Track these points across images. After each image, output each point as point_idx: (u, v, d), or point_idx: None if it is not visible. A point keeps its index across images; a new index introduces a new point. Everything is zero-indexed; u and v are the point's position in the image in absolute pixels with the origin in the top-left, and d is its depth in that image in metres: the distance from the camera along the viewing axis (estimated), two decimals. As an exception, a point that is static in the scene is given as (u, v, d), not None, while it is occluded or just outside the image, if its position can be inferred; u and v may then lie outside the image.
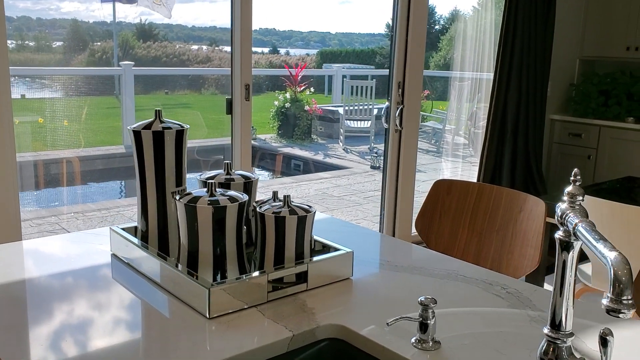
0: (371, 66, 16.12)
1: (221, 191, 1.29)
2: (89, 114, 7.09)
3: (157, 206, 1.38)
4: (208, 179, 1.44)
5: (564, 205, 0.84)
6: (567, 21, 4.67)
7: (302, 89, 8.82)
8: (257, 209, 1.32)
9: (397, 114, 3.68)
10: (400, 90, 3.67)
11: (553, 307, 0.87)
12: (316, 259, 1.31)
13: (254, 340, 1.06)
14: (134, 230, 1.48)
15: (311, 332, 1.12)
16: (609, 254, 0.69)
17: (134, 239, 1.40)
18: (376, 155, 7.52)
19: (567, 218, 0.81)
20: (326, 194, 5.97)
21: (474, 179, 4.59)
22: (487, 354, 1.03)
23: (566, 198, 0.83)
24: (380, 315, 1.17)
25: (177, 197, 1.27)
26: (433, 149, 7.85)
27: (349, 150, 8.25)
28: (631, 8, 4.55)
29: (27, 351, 1.01)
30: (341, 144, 8.54)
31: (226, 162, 1.46)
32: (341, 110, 8.61)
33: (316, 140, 9.02)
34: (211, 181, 1.27)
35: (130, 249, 1.39)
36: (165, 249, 1.40)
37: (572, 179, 0.83)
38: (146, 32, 12.08)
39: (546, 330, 0.89)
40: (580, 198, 0.83)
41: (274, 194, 1.43)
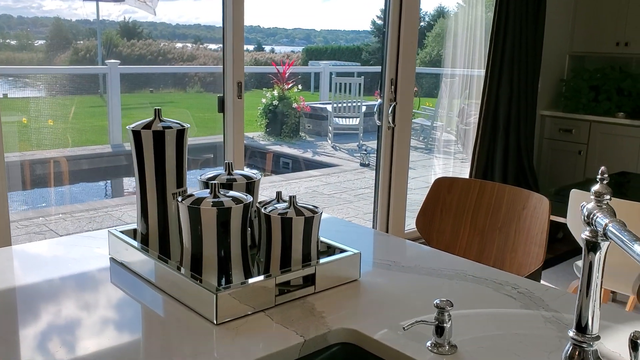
0: (357, 63, 16.10)
1: (224, 192, 1.25)
2: (74, 113, 6.99)
3: (157, 208, 1.34)
4: (209, 179, 1.40)
5: (590, 204, 0.81)
6: (557, 17, 4.67)
7: (290, 86, 8.77)
8: (262, 210, 1.28)
9: (390, 111, 3.65)
10: (392, 88, 3.64)
11: (579, 309, 0.84)
12: (324, 260, 1.27)
13: (265, 347, 1.02)
14: (133, 233, 1.43)
15: (323, 337, 1.08)
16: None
17: (134, 242, 1.35)
18: (365, 152, 7.50)
19: (595, 218, 0.78)
20: (316, 192, 5.93)
21: (464, 175, 4.58)
22: (505, 357, 1.01)
23: (593, 197, 0.80)
24: (392, 318, 1.14)
25: (179, 198, 1.23)
26: (422, 145, 7.85)
27: (337, 148, 8.22)
28: (620, 3, 4.56)
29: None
30: (330, 141, 8.51)
31: (227, 161, 1.42)
32: (329, 108, 8.57)
33: (304, 137, 8.98)
34: (214, 182, 1.23)
35: (130, 252, 1.34)
36: (166, 252, 1.36)
37: (598, 177, 0.80)
38: (130, 30, 11.95)
39: (571, 334, 0.86)
40: (608, 197, 0.80)
41: (278, 194, 1.39)
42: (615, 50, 4.66)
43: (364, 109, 8.50)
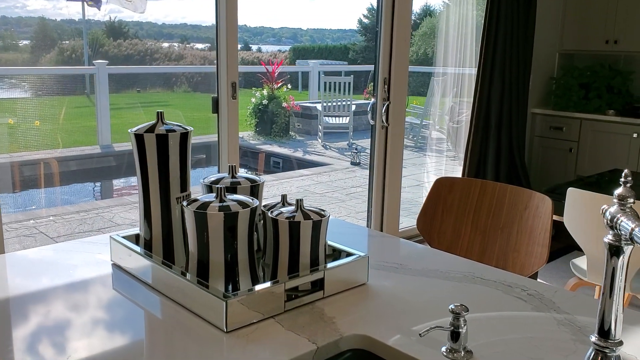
0: (344, 62, 16.10)
1: (229, 196, 1.23)
2: (61, 114, 6.92)
3: (161, 213, 1.31)
4: (213, 182, 1.37)
5: (613, 208, 0.80)
6: (547, 15, 4.68)
7: (280, 85, 8.74)
8: (269, 214, 1.26)
9: (383, 111, 3.64)
10: (386, 87, 3.63)
11: (601, 314, 0.83)
12: (332, 265, 1.25)
13: (278, 355, 1.00)
14: (135, 238, 1.40)
15: (335, 343, 1.06)
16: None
17: (137, 248, 1.33)
18: (356, 151, 7.49)
19: (620, 222, 0.77)
20: (308, 191, 5.91)
21: (455, 173, 4.59)
22: (522, 362, 1.00)
23: (616, 200, 0.79)
24: (404, 323, 1.13)
25: (185, 203, 1.20)
26: (411, 144, 7.85)
27: (328, 147, 8.21)
28: (609, 1, 4.58)
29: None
30: (320, 140, 8.49)
31: (231, 164, 1.40)
32: (319, 107, 8.55)
33: (294, 137, 8.95)
34: (220, 186, 1.21)
35: (134, 258, 1.32)
36: (170, 258, 1.33)
37: (622, 180, 0.79)
38: (116, 30, 11.85)
39: (594, 339, 0.85)
40: (632, 200, 0.79)
41: (283, 197, 1.37)
42: (604, 48, 4.69)
43: (353, 107, 8.49)
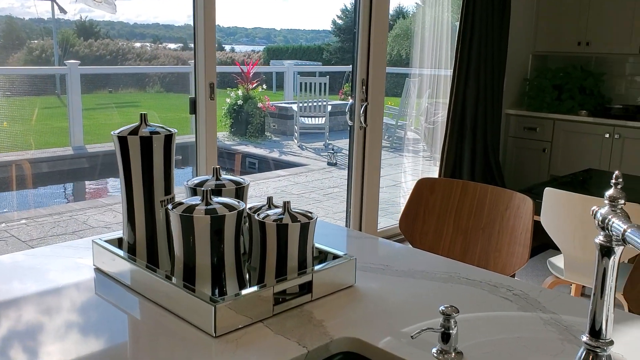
0: (318, 62, 16.13)
1: (215, 199, 1.21)
2: (31, 115, 6.78)
3: (145, 216, 1.29)
4: (197, 185, 1.36)
5: (604, 209, 0.81)
6: (520, 17, 4.75)
7: (255, 85, 8.70)
8: (255, 216, 1.25)
9: (361, 111, 3.65)
10: (364, 88, 3.64)
11: (592, 314, 0.84)
12: (320, 267, 1.25)
13: (270, 359, 0.99)
14: (118, 242, 1.38)
15: (325, 346, 1.06)
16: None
17: (120, 252, 1.30)
18: (332, 151, 7.50)
19: (611, 223, 0.78)
20: (285, 192, 5.90)
21: (431, 173, 4.62)
22: (512, 362, 1.00)
23: (607, 202, 0.80)
24: (394, 324, 1.13)
25: (170, 206, 1.18)
26: (387, 144, 7.89)
27: (304, 147, 8.20)
28: (581, 4, 4.67)
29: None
30: (296, 141, 8.48)
31: (215, 166, 1.39)
32: (295, 107, 8.54)
33: (270, 137, 8.92)
34: (206, 189, 1.19)
35: (117, 262, 1.29)
36: (154, 262, 1.31)
37: (613, 182, 0.80)
38: (87, 29, 11.68)
39: (585, 338, 0.86)
40: (622, 202, 0.80)
41: (269, 200, 1.36)
42: (576, 49, 4.77)
43: (329, 108, 8.50)
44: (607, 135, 4.42)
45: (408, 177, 4.86)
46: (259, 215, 1.24)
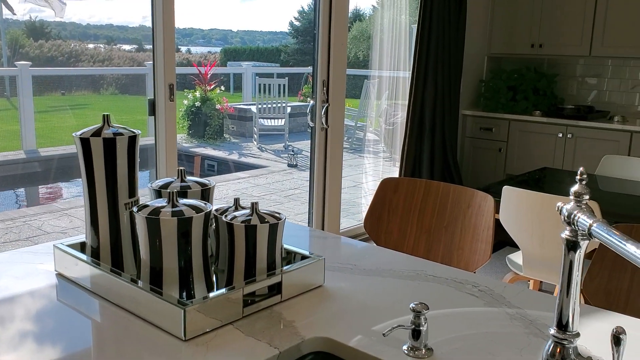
0: (276, 64, 16.11)
1: (181, 200, 1.20)
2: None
3: (108, 219, 1.26)
4: (162, 187, 1.34)
5: (569, 205, 0.83)
6: (476, 20, 4.84)
7: (213, 87, 8.62)
8: (222, 218, 1.24)
9: (322, 113, 3.66)
10: (325, 89, 3.65)
11: (559, 307, 0.86)
12: (289, 268, 1.24)
13: (240, 361, 0.99)
14: (80, 247, 1.35)
15: (296, 347, 1.06)
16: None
17: (84, 256, 1.27)
18: (292, 153, 7.49)
19: (577, 218, 0.80)
20: (245, 194, 5.86)
21: (391, 174, 4.67)
22: (481, 357, 1.02)
23: (572, 197, 0.83)
24: (364, 323, 1.13)
25: (135, 209, 1.16)
26: (347, 145, 7.93)
27: (264, 149, 8.16)
28: (535, 7, 4.79)
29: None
30: (255, 142, 8.43)
31: (180, 168, 1.37)
32: (254, 109, 8.49)
33: (229, 139, 8.85)
34: (172, 190, 1.18)
35: (80, 267, 1.26)
36: (119, 265, 1.29)
37: (578, 178, 0.82)
38: (37, 30, 11.38)
39: (552, 331, 0.88)
40: (587, 197, 0.82)
41: (236, 201, 1.35)
42: (530, 51, 4.89)
43: (289, 109, 8.49)
44: (560, 135, 4.55)
45: (369, 178, 4.90)
46: (226, 216, 1.23)
